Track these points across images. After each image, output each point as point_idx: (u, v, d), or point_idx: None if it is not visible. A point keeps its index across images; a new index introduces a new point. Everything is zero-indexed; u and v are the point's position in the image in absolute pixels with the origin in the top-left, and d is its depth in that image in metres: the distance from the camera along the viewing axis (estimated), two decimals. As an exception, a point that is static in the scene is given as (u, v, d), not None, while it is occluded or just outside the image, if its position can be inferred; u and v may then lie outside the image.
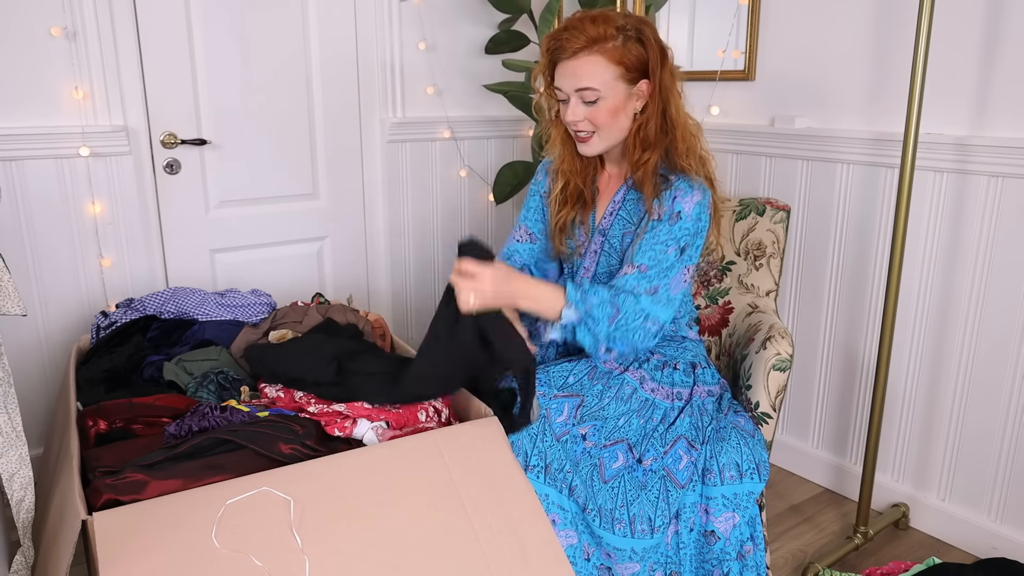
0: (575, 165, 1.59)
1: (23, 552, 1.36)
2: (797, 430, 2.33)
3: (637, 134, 1.49)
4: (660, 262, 1.44)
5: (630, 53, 1.43)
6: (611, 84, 1.43)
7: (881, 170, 1.98)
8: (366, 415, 1.42)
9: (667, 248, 1.45)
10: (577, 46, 1.42)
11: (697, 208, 1.46)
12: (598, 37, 1.41)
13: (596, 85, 1.42)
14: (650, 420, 1.48)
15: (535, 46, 2.61)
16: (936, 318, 1.94)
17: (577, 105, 1.46)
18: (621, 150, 1.55)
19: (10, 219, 2.03)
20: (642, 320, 1.42)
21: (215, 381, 1.67)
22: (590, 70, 1.42)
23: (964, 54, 1.81)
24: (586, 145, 1.51)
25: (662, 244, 1.45)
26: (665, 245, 1.45)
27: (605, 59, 1.42)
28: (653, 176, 1.49)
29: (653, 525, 1.37)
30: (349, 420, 1.40)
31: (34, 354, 2.14)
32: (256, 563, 1.14)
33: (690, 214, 1.45)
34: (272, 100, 2.39)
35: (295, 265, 2.55)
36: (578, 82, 1.43)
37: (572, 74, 1.44)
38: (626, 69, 1.43)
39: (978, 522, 1.92)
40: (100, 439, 1.45)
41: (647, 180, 1.49)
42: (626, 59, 1.42)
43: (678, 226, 1.45)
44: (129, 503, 1.18)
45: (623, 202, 1.55)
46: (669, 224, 1.45)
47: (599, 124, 1.47)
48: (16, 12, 1.96)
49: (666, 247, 1.45)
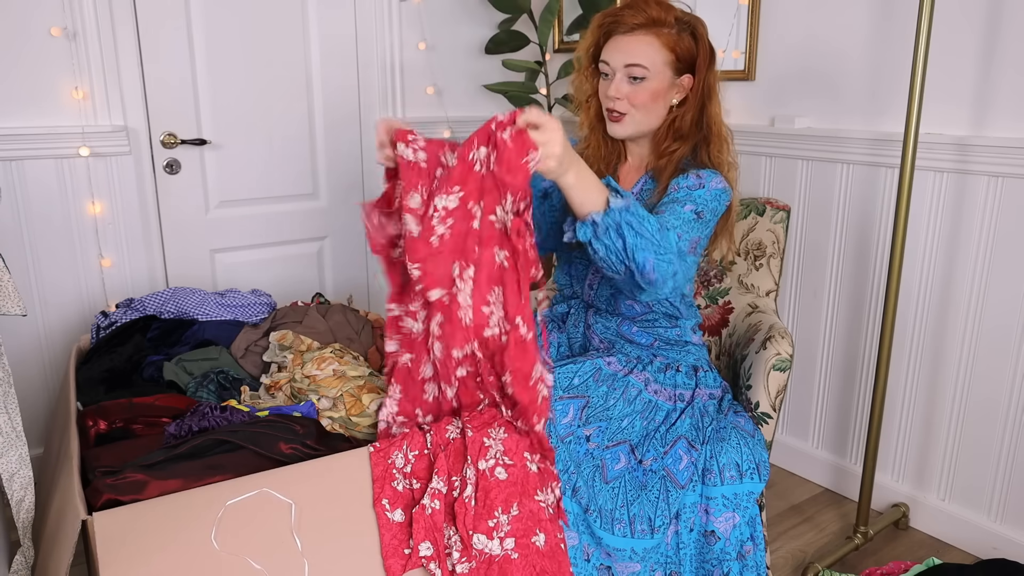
0: (600, 151, 1.60)
1: (23, 552, 1.36)
2: (797, 430, 2.33)
3: (671, 124, 1.51)
4: (677, 214, 1.41)
5: (683, 44, 1.46)
6: (659, 68, 1.45)
7: (881, 170, 1.98)
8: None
9: (683, 206, 1.42)
10: (636, 22, 1.44)
11: (719, 190, 1.45)
12: (658, 20, 1.44)
13: (646, 63, 1.44)
14: (652, 421, 1.48)
15: (535, 46, 2.61)
16: (936, 318, 1.94)
17: (622, 82, 1.47)
18: (648, 140, 1.56)
19: (10, 219, 2.03)
20: (675, 252, 1.32)
21: (215, 381, 1.67)
22: (644, 49, 1.44)
23: (964, 54, 1.81)
24: (618, 125, 1.51)
25: (679, 203, 1.43)
26: (681, 204, 1.42)
27: (660, 42, 1.44)
28: (675, 168, 1.49)
29: (653, 525, 1.37)
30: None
31: (34, 354, 2.14)
32: (255, 566, 1.14)
33: (712, 188, 1.44)
34: (272, 100, 2.39)
35: (295, 265, 2.55)
36: (629, 57, 1.45)
37: (625, 49, 1.45)
38: (676, 58, 1.46)
39: (978, 522, 1.92)
40: (100, 439, 1.45)
41: (668, 169, 1.50)
42: (678, 48, 1.45)
43: (698, 192, 1.44)
44: (129, 503, 1.18)
45: (641, 193, 1.56)
46: (688, 189, 1.44)
47: (637, 104, 1.47)
48: (16, 12, 1.96)
49: (683, 204, 1.42)
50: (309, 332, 1.85)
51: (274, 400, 1.65)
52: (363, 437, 1.51)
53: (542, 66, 2.62)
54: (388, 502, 1.27)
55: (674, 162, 1.50)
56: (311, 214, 2.55)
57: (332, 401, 1.62)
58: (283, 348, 1.79)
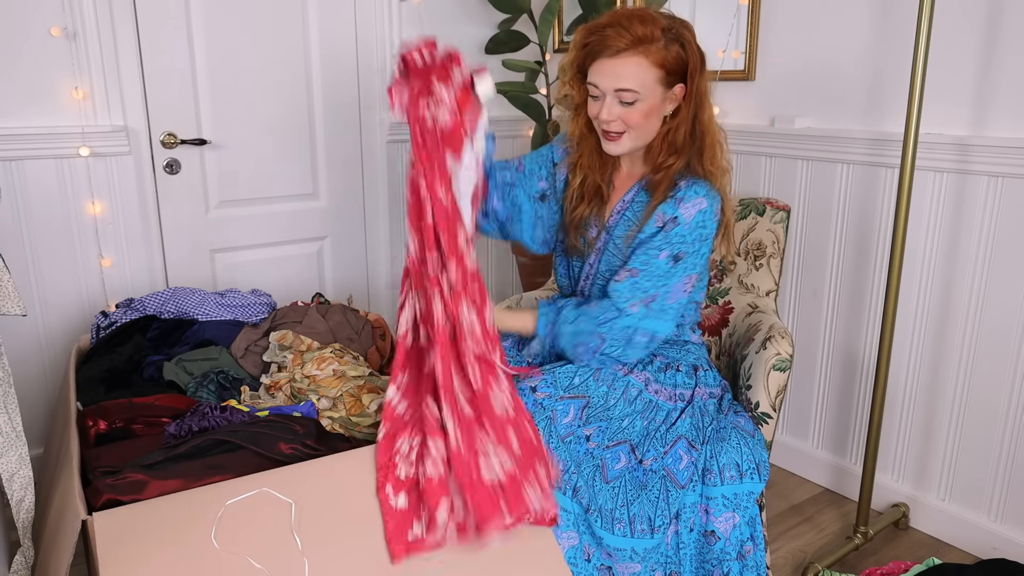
0: (594, 161, 1.56)
1: (23, 552, 1.36)
2: (797, 430, 2.33)
3: (665, 137, 1.47)
4: (651, 268, 1.44)
5: (671, 56, 1.40)
6: (651, 87, 1.40)
7: (881, 170, 1.98)
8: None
9: (658, 253, 1.44)
10: (621, 45, 1.37)
11: (699, 216, 1.44)
12: (644, 38, 1.37)
13: (636, 87, 1.39)
14: (652, 421, 1.48)
15: (535, 46, 2.61)
16: (936, 318, 1.94)
17: (613, 104, 1.42)
18: (643, 151, 1.53)
19: (10, 219, 2.03)
20: (625, 341, 1.46)
21: (215, 381, 1.67)
22: (632, 71, 1.38)
23: (964, 54, 1.81)
24: (615, 144, 1.47)
25: (655, 249, 1.44)
26: (657, 250, 1.44)
27: (648, 61, 1.38)
28: (669, 182, 1.48)
29: (653, 525, 1.37)
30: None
31: (34, 354, 2.14)
32: (255, 565, 1.14)
33: (688, 221, 1.44)
34: (272, 100, 2.39)
35: (295, 265, 2.55)
36: (618, 82, 1.39)
37: (613, 74, 1.40)
38: (666, 72, 1.40)
39: (978, 522, 1.92)
40: (100, 439, 1.45)
41: (664, 183, 1.47)
42: (667, 62, 1.40)
43: (674, 232, 1.44)
44: (129, 503, 1.18)
45: (632, 202, 1.54)
46: (665, 230, 1.44)
47: (632, 124, 1.44)
48: (16, 12, 1.96)
49: (658, 251, 1.44)
50: (309, 332, 1.85)
51: (274, 400, 1.66)
52: (363, 437, 1.51)
53: (542, 66, 2.62)
54: (392, 488, 1.27)
55: (669, 176, 1.47)
56: (311, 214, 2.55)
57: (332, 401, 1.62)
58: (283, 348, 1.79)
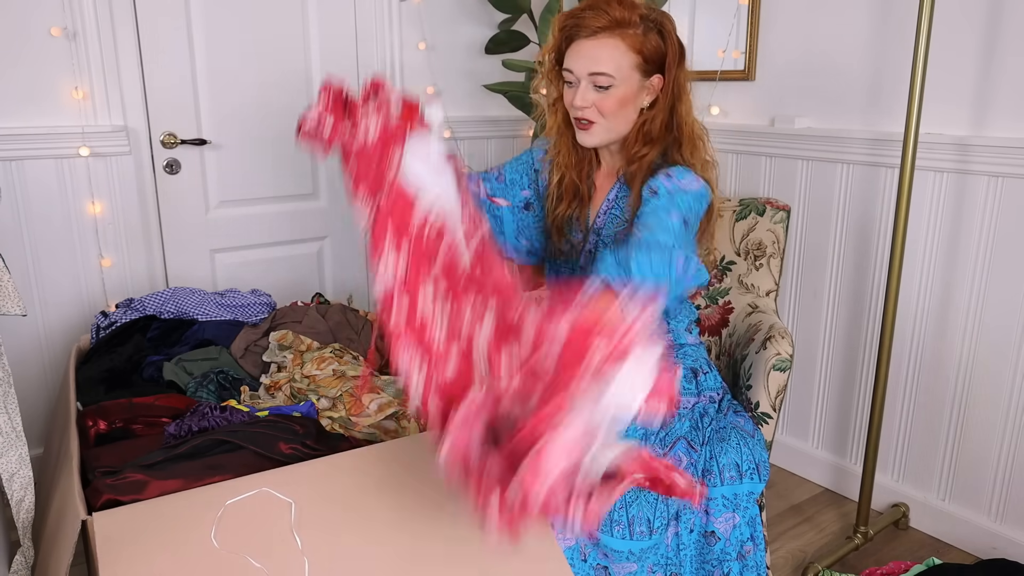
0: (571, 158, 1.52)
1: (23, 552, 1.36)
2: (797, 430, 2.33)
3: (641, 128, 1.43)
4: (666, 227, 1.28)
5: (650, 44, 1.37)
6: (626, 73, 1.37)
7: (881, 170, 1.98)
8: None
9: (668, 213, 1.32)
10: (598, 26, 1.35)
11: (696, 192, 1.37)
12: (622, 20, 1.35)
13: (612, 71, 1.36)
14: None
15: (535, 46, 2.61)
16: (936, 318, 1.94)
17: (587, 90, 1.39)
18: (619, 145, 1.49)
19: (10, 219, 2.03)
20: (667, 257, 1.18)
21: (215, 381, 1.67)
22: (608, 54, 1.35)
23: (964, 54, 1.81)
24: (587, 134, 1.44)
25: (663, 210, 1.32)
26: (666, 211, 1.31)
27: (625, 45, 1.35)
28: (646, 172, 1.43)
29: (652, 526, 1.37)
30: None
31: (34, 354, 2.14)
32: (255, 565, 1.14)
33: (687, 189, 1.36)
34: (272, 100, 2.39)
35: (295, 265, 2.55)
36: (594, 65, 1.36)
37: (588, 55, 1.36)
38: (644, 60, 1.38)
39: (978, 522, 1.92)
40: (100, 439, 1.45)
41: (639, 175, 1.43)
42: (645, 49, 1.37)
43: (679, 197, 1.35)
44: (129, 503, 1.18)
45: (616, 200, 1.50)
46: (669, 193, 1.35)
47: (605, 112, 1.40)
48: (16, 12, 1.96)
49: (668, 212, 1.33)
50: (309, 332, 1.85)
51: (274, 400, 1.66)
52: (363, 437, 1.51)
53: (542, 66, 2.62)
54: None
55: (644, 167, 1.43)
56: (311, 214, 2.55)
57: (332, 401, 1.62)
58: (283, 348, 1.79)
